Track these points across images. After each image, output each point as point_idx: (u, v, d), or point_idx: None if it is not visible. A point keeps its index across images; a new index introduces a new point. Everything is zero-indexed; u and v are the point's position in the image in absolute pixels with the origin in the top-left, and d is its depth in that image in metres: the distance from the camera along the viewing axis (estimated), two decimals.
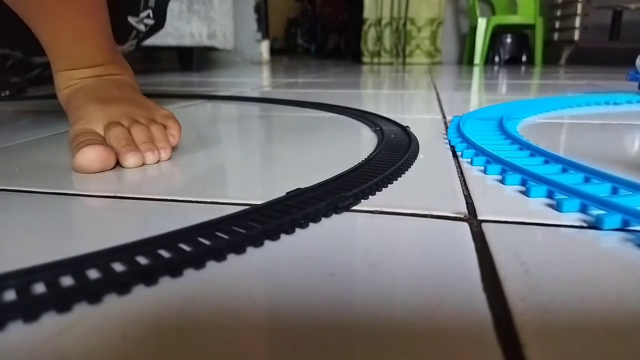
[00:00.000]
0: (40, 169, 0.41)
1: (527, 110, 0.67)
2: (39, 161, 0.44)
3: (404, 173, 0.37)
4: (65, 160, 0.43)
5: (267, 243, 0.25)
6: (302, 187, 0.31)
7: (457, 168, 0.39)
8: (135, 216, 0.30)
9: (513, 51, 2.30)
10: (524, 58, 2.30)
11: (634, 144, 0.51)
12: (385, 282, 0.21)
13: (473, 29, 2.24)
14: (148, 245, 0.23)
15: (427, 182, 0.36)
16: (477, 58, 2.21)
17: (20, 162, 0.43)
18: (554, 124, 0.62)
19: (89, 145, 0.38)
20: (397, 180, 0.36)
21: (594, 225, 0.27)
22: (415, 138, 0.49)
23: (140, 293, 0.20)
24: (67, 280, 0.20)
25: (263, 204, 0.28)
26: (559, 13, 2.18)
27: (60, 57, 0.48)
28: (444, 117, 0.66)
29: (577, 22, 2.03)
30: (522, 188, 0.33)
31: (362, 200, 0.31)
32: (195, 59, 1.81)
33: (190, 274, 0.22)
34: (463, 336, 0.17)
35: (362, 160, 0.39)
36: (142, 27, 0.69)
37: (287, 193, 0.30)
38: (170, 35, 1.62)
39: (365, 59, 2.40)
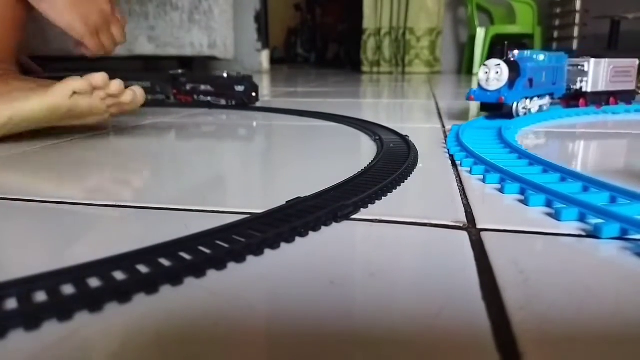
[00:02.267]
0: (40, 177, 0.41)
1: (526, 119, 0.67)
2: (38, 167, 0.44)
3: (404, 182, 0.38)
4: (68, 168, 0.43)
5: (267, 252, 0.25)
6: (302, 196, 0.31)
7: (457, 177, 0.39)
8: (136, 225, 0.30)
9: None
10: None
11: (633, 153, 0.51)
12: (385, 290, 0.21)
13: (472, 38, 2.25)
14: (149, 254, 0.23)
15: (427, 191, 0.36)
16: (476, 67, 2.22)
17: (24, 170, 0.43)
18: (553, 133, 0.62)
19: None
20: (396, 189, 0.36)
21: (593, 234, 0.27)
22: (415, 147, 0.49)
23: (141, 302, 0.20)
24: (68, 289, 0.20)
25: (263, 212, 0.29)
26: (557, 23, 2.19)
27: None
28: (443, 126, 0.67)
29: (576, 31, 2.04)
30: (521, 197, 0.33)
31: (362, 209, 0.31)
32: (195, 68, 1.82)
33: (190, 282, 0.22)
34: (462, 345, 0.17)
35: (362, 169, 0.39)
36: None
37: (287, 202, 0.30)
38: (170, 45, 1.63)
39: (365, 69, 2.42)
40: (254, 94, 0.89)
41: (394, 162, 0.42)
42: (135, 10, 1.54)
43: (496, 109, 0.65)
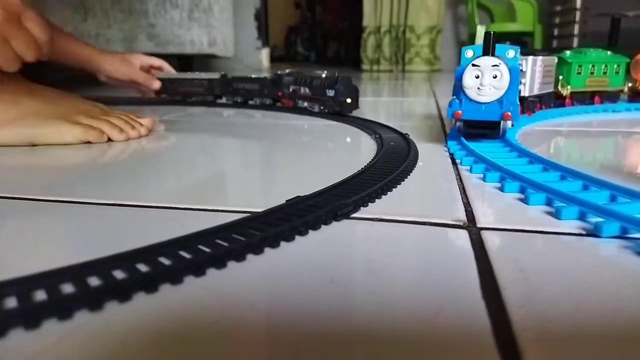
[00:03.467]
0: (40, 176, 0.41)
1: (526, 117, 0.67)
2: (38, 167, 0.44)
3: (404, 180, 0.37)
4: (64, 167, 0.43)
5: (267, 250, 0.25)
6: (302, 194, 0.31)
7: (457, 176, 0.39)
8: (135, 224, 0.30)
9: None
10: None
11: (632, 151, 0.51)
12: (385, 289, 0.21)
13: (472, 36, 2.25)
14: (149, 253, 0.23)
15: (427, 189, 0.36)
16: None
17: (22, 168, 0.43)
18: (553, 131, 0.62)
19: None
20: (396, 187, 0.36)
21: (593, 232, 0.27)
22: (415, 145, 0.49)
23: (141, 300, 0.20)
24: (68, 288, 0.20)
25: (263, 211, 0.29)
26: (557, 20, 2.19)
27: None
28: (443, 124, 0.66)
29: (576, 29, 2.04)
30: (521, 196, 0.33)
31: (361, 208, 0.31)
32: (195, 66, 1.82)
33: (190, 281, 0.22)
34: (462, 343, 0.17)
35: (362, 168, 0.39)
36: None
37: (287, 201, 0.30)
38: (170, 43, 1.63)
39: (365, 67, 2.41)
40: (348, 100, 0.70)
41: (394, 160, 0.42)
42: (135, 8, 1.54)
43: (490, 128, 0.46)
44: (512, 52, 0.48)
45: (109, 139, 0.55)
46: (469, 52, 0.47)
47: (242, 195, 0.37)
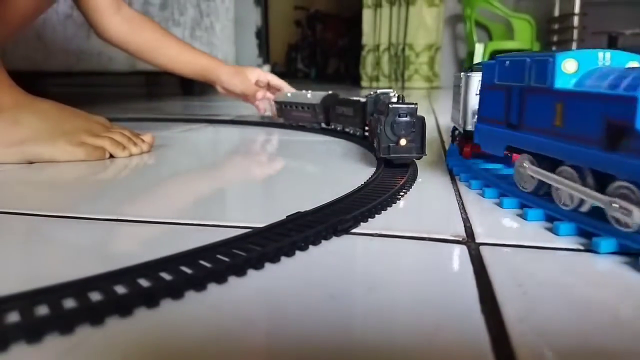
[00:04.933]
0: (41, 192, 0.41)
1: None
2: (39, 183, 0.44)
3: (403, 196, 0.38)
4: (66, 182, 0.44)
5: (268, 266, 0.25)
6: (302, 210, 0.32)
7: (456, 191, 0.40)
8: (136, 239, 0.30)
9: None
10: None
11: None
12: (385, 304, 0.21)
13: (471, 54, 2.27)
14: (150, 268, 0.23)
15: (426, 205, 0.36)
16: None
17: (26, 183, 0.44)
18: None
19: None
20: (396, 203, 0.36)
21: (591, 248, 0.27)
22: (414, 162, 0.49)
23: (142, 315, 0.20)
24: (69, 303, 0.20)
25: (264, 227, 0.29)
26: (555, 39, 2.21)
27: None
28: (442, 141, 0.67)
29: (574, 47, 2.06)
30: (520, 211, 0.34)
31: (361, 223, 0.31)
32: (197, 83, 1.83)
33: (191, 296, 0.22)
34: (462, 358, 0.17)
35: (362, 184, 0.39)
36: None
37: (287, 216, 0.31)
38: None
39: (364, 84, 2.43)
40: (402, 142, 0.44)
41: (394, 176, 0.42)
42: None
43: None
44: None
45: (111, 155, 0.55)
46: (570, 64, 0.29)
47: (242, 211, 0.37)
